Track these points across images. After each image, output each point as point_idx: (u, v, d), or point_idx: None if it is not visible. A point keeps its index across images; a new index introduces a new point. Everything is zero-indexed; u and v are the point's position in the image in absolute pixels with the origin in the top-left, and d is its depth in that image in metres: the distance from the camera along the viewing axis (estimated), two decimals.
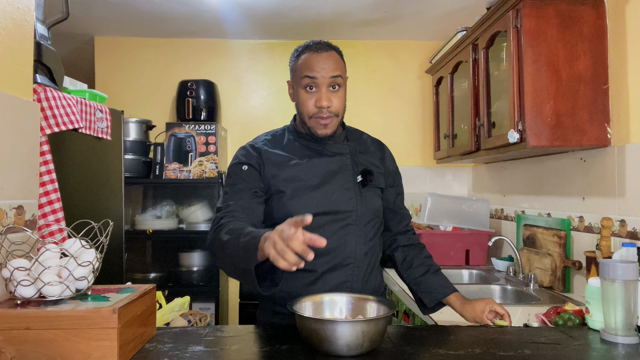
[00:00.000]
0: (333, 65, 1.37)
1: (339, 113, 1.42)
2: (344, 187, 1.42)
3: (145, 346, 1.17)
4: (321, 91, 1.37)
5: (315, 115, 1.38)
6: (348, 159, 1.46)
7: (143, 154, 3.06)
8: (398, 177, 1.61)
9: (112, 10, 2.91)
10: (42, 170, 1.51)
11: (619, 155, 1.88)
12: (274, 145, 1.47)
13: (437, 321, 1.72)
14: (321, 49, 1.38)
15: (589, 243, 2.02)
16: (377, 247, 1.50)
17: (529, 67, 1.94)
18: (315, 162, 1.44)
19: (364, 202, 1.44)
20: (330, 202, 1.40)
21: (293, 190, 1.40)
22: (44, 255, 1.13)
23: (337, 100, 1.39)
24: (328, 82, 1.37)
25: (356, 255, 1.41)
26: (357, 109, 3.44)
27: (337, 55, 1.42)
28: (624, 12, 1.86)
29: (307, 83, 1.37)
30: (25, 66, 1.35)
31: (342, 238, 1.40)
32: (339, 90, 1.40)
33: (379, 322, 1.10)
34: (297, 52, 1.42)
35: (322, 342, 1.09)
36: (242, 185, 1.40)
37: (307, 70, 1.37)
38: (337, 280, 1.39)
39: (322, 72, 1.36)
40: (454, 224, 2.88)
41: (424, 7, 2.86)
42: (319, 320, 1.10)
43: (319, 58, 1.37)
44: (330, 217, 1.40)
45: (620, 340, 1.22)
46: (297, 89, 1.41)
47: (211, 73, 3.41)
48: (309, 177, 1.41)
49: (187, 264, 3.17)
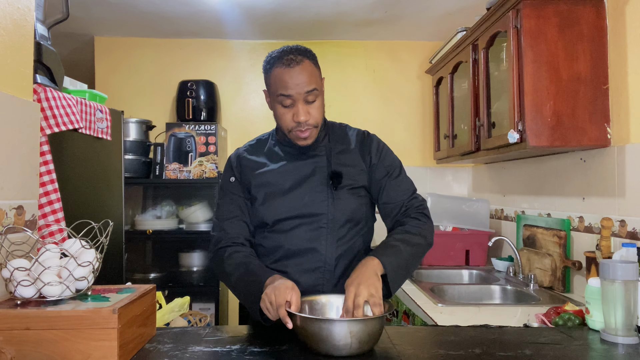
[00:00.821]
0: (307, 79, 1.32)
1: (318, 124, 1.39)
2: (315, 190, 1.41)
3: (145, 346, 1.17)
4: (297, 107, 1.34)
5: (295, 129, 1.37)
6: (323, 161, 1.44)
7: (143, 154, 3.06)
8: (392, 166, 1.49)
9: (112, 10, 2.91)
10: (42, 170, 1.51)
11: (619, 155, 1.88)
12: (255, 151, 1.51)
13: (437, 321, 1.72)
14: (292, 62, 1.32)
15: (589, 243, 2.02)
16: (355, 250, 1.45)
17: (528, 67, 1.94)
18: (289, 167, 1.44)
19: (338, 204, 1.41)
20: (300, 206, 1.41)
21: (265, 195, 1.43)
22: (44, 255, 1.13)
23: (315, 111, 1.36)
24: (303, 97, 1.33)
25: (327, 259, 1.40)
26: (357, 109, 3.44)
27: (310, 63, 1.35)
28: (624, 12, 1.86)
29: (282, 100, 1.35)
30: (25, 66, 1.35)
31: (312, 241, 1.40)
32: (316, 101, 1.37)
33: (367, 323, 1.10)
34: (269, 63, 1.37)
35: (312, 340, 1.11)
36: (231, 197, 1.48)
37: (281, 88, 1.33)
38: (308, 283, 1.38)
39: (296, 88, 1.32)
40: (454, 224, 2.88)
41: (424, 7, 2.86)
42: (307, 319, 1.12)
43: (292, 73, 1.31)
44: (300, 221, 1.41)
45: (620, 341, 1.22)
46: (274, 104, 1.38)
47: (211, 73, 3.41)
48: (281, 181, 1.43)
49: (187, 264, 3.17)
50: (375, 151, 1.48)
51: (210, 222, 3.05)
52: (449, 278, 2.67)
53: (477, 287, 2.34)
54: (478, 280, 2.62)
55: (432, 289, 2.23)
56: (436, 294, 2.17)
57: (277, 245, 1.42)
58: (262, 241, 1.46)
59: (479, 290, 2.31)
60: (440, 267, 2.76)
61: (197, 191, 3.23)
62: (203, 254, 3.18)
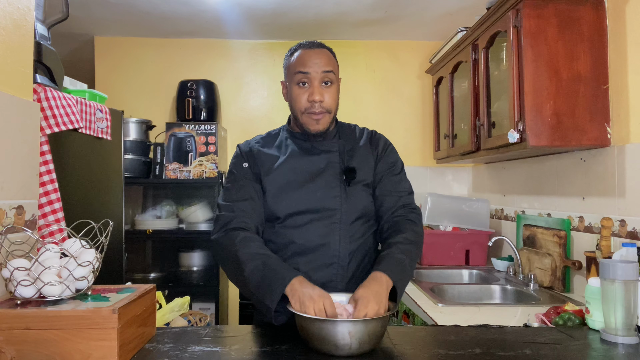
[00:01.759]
0: (325, 61, 1.40)
1: (331, 110, 1.42)
2: (329, 186, 1.42)
3: (145, 346, 1.17)
4: (313, 86, 1.38)
5: (308, 110, 1.39)
6: (336, 157, 1.46)
7: (143, 154, 3.06)
8: (394, 163, 1.52)
9: (112, 10, 2.91)
10: (42, 170, 1.51)
11: (619, 155, 1.88)
12: (266, 145, 1.50)
13: (437, 321, 1.72)
14: (314, 46, 1.43)
15: (589, 243, 2.02)
16: (366, 246, 1.46)
17: (528, 67, 1.94)
18: (302, 161, 1.45)
19: (350, 200, 1.42)
20: (313, 200, 1.41)
21: (277, 188, 1.42)
22: (44, 255, 1.13)
23: (329, 96, 1.40)
24: (320, 77, 1.39)
25: (340, 254, 1.40)
26: (357, 109, 3.44)
27: (330, 53, 1.45)
28: (624, 12, 1.86)
29: (300, 79, 1.39)
30: (25, 66, 1.35)
31: (325, 237, 1.40)
32: (332, 86, 1.41)
33: (367, 323, 1.09)
34: (291, 51, 1.46)
35: (312, 339, 1.11)
36: (243, 182, 1.44)
37: (300, 65, 1.39)
38: (320, 280, 1.37)
39: (314, 67, 1.38)
40: (454, 224, 2.88)
41: (424, 7, 2.86)
42: (308, 319, 1.12)
43: (312, 54, 1.40)
44: (313, 215, 1.40)
45: (620, 340, 1.22)
46: (291, 86, 1.43)
47: (211, 73, 3.41)
48: (294, 175, 1.43)
49: (187, 264, 3.17)
50: (382, 148, 1.52)
51: (210, 222, 3.05)
52: (449, 278, 2.67)
53: (477, 287, 2.34)
54: (478, 280, 2.62)
55: (432, 288, 2.23)
56: (436, 293, 2.17)
57: (289, 241, 1.40)
58: (273, 237, 1.43)
59: (479, 290, 2.31)
60: (440, 267, 2.76)
61: (197, 191, 3.23)
62: (203, 253, 3.18)
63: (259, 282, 1.24)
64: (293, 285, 1.20)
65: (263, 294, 1.23)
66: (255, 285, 1.25)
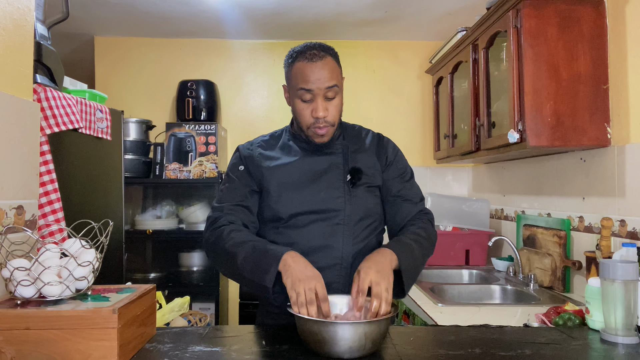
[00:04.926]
0: (328, 75, 1.34)
1: (335, 122, 1.40)
2: (332, 186, 1.41)
3: (145, 346, 1.17)
4: (317, 102, 1.35)
5: (313, 125, 1.38)
6: (339, 158, 1.45)
7: (143, 154, 3.06)
8: (405, 169, 1.54)
9: (112, 10, 2.91)
10: (42, 170, 1.51)
11: (619, 155, 1.88)
12: (269, 146, 1.50)
13: (437, 321, 1.72)
14: (315, 57, 1.34)
15: (589, 243, 2.02)
16: (370, 247, 1.44)
17: (528, 67, 1.94)
18: (305, 162, 1.44)
19: (354, 201, 1.41)
20: (316, 201, 1.40)
21: (280, 190, 1.41)
22: (44, 255, 1.13)
23: (333, 109, 1.37)
24: (324, 92, 1.35)
25: (343, 255, 1.39)
26: (358, 108, 3.44)
27: (332, 60, 1.37)
28: (624, 12, 1.86)
29: (303, 95, 1.36)
30: (25, 66, 1.35)
31: (328, 238, 1.39)
32: (335, 98, 1.38)
33: (381, 323, 1.10)
34: (292, 57, 1.39)
35: (324, 344, 1.08)
36: (236, 184, 1.44)
37: (302, 82, 1.34)
38: (324, 281, 1.35)
39: (317, 82, 1.33)
40: (454, 224, 2.88)
41: (424, 7, 2.86)
42: (322, 322, 1.08)
43: (314, 68, 1.33)
44: (316, 217, 1.40)
45: (620, 340, 1.22)
46: (293, 98, 1.40)
47: (211, 73, 3.41)
48: (297, 176, 1.42)
49: (187, 264, 3.17)
50: (391, 153, 1.53)
51: None
52: (449, 278, 2.67)
53: (477, 287, 2.34)
54: (478, 280, 2.62)
55: (432, 288, 2.23)
56: (436, 293, 2.17)
57: (291, 242, 1.39)
58: (275, 238, 1.42)
59: (479, 290, 2.31)
60: (440, 267, 2.76)
61: (197, 191, 3.23)
62: (203, 254, 3.17)
63: (253, 266, 1.25)
64: (286, 260, 1.21)
65: (259, 276, 1.23)
66: (250, 271, 1.25)
